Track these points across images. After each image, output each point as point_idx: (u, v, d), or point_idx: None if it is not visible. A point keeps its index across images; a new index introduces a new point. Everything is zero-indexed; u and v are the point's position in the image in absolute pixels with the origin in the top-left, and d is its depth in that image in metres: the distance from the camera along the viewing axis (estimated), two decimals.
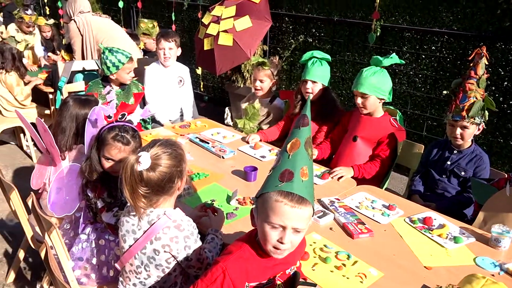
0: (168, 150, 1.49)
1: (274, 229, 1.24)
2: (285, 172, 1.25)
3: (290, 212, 1.21)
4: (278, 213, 1.21)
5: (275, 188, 1.24)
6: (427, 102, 4.00)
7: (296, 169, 1.25)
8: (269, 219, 1.23)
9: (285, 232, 1.22)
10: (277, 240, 1.24)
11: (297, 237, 1.26)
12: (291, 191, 1.22)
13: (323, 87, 2.82)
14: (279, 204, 1.21)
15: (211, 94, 6.21)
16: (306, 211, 1.24)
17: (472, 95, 2.26)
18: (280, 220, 1.22)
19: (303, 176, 1.25)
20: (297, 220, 1.23)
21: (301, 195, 1.22)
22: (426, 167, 2.56)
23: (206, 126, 3.14)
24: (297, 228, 1.24)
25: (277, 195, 1.22)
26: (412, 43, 3.97)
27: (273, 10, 4.76)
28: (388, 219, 1.99)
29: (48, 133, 2.06)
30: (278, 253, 1.27)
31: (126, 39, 4.42)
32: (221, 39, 4.22)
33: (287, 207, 1.21)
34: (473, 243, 1.84)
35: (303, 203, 1.22)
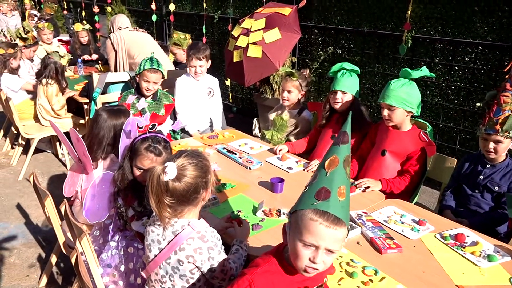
0: (194, 161, 1.51)
1: (306, 248, 1.21)
2: (321, 190, 1.23)
3: (325, 232, 1.18)
4: (313, 232, 1.19)
5: (311, 206, 1.21)
6: (460, 115, 3.88)
7: (334, 188, 1.22)
8: (302, 237, 1.21)
9: (318, 252, 1.20)
10: (309, 259, 1.21)
11: (329, 258, 1.23)
12: (327, 210, 1.19)
13: (352, 100, 2.80)
14: (314, 223, 1.19)
15: (239, 105, 6.26)
16: (341, 232, 1.21)
17: (507, 108, 2.18)
18: (313, 240, 1.19)
19: (340, 196, 1.22)
20: (331, 240, 1.19)
21: (337, 216, 1.19)
22: (458, 181, 2.48)
23: (234, 137, 3.16)
24: (331, 249, 1.21)
25: (312, 213, 1.20)
26: (445, 54, 3.88)
27: (302, 22, 4.77)
28: (418, 234, 1.94)
29: (81, 143, 2.14)
30: (308, 272, 1.24)
31: (159, 52, 4.57)
32: (250, 51, 4.28)
33: (322, 226, 1.18)
34: (509, 262, 1.77)
35: (339, 224, 1.19)
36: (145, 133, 2.00)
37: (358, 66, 2.92)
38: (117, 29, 4.74)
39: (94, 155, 2.25)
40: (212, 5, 6.23)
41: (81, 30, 5.88)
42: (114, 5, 7.07)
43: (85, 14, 8.77)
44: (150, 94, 3.32)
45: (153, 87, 3.28)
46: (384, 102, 2.46)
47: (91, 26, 6.24)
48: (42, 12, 7.89)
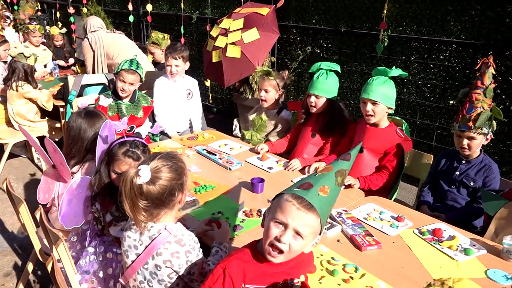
0: (169, 163, 1.49)
1: (276, 226, 1.28)
2: (306, 183, 1.33)
3: (295, 213, 1.25)
4: (284, 211, 1.27)
5: (290, 191, 1.31)
6: (436, 112, 3.96)
7: (317, 184, 1.31)
8: (275, 216, 1.28)
9: (286, 232, 1.26)
10: (275, 237, 1.27)
11: (296, 242, 1.27)
12: (304, 196, 1.27)
13: (328, 100, 2.80)
14: (287, 203, 1.27)
15: (219, 105, 6.24)
16: (311, 219, 1.26)
17: (479, 105, 2.24)
18: (284, 218, 1.26)
19: (322, 192, 1.30)
20: (300, 223, 1.26)
21: (311, 203, 1.26)
22: (435, 177, 2.53)
23: (213, 138, 3.15)
24: (298, 231, 1.26)
25: (289, 196, 1.29)
26: (420, 52, 3.95)
27: (281, 22, 4.79)
28: (397, 230, 1.96)
29: (58, 153, 2.08)
30: (272, 255, 1.29)
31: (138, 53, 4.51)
32: (229, 52, 4.26)
33: (294, 207, 1.26)
34: (484, 255, 1.80)
35: (311, 210, 1.26)
36: (122, 137, 1.97)
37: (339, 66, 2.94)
38: (91, 31, 4.65)
39: (72, 162, 2.20)
40: (190, 6, 6.18)
41: (57, 34, 5.77)
42: (90, 6, 6.93)
43: (60, 15, 8.59)
44: (125, 95, 3.27)
45: (128, 88, 3.23)
46: (368, 98, 2.48)
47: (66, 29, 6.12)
48: (16, 13, 7.67)
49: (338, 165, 1.41)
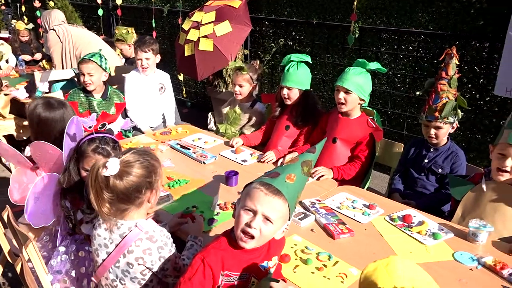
0: (141, 159, 1.46)
1: (246, 213, 1.32)
2: (273, 172, 1.40)
3: (263, 198, 1.30)
4: (253, 197, 1.32)
5: (258, 180, 1.37)
6: (407, 102, 4.05)
7: (284, 173, 1.37)
8: (244, 204, 1.33)
9: (255, 217, 1.30)
10: (246, 223, 1.31)
11: (266, 227, 1.31)
12: (271, 183, 1.33)
13: (302, 91, 2.83)
14: (256, 190, 1.32)
15: (193, 99, 6.19)
16: (278, 203, 1.31)
17: (444, 95, 2.30)
18: (252, 204, 1.31)
19: (288, 179, 1.36)
20: (269, 208, 1.30)
21: (278, 188, 1.31)
22: (405, 165, 2.59)
23: (187, 132, 3.12)
24: (267, 216, 1.30)
25: (257, 184, 1.34)
26: (390, 43, 4.02)
27: (253, 14, 4.78)
28: (368, 218, 2.01)
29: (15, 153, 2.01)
30: (244, 240, 1.32)
31: (105, 47, 4.40)
32: (202, 45, 4.23)
33: (262, 193, 1.31)
34: (452, 238, 1.87)
35: (278, 195, 1.31)
36: (92, 133, 1.92)
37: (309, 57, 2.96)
38: (53, 25, 4.44)
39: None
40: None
41: (23, 29, 5.57)
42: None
43: (25, 9, 8.30)
44: (92, 88, 3.19)
45: (89, 79, 3.15)
46: (341, 86, 2.51)
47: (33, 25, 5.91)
48: None
49: (304, 156, 1.48)
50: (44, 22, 4.62)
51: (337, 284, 1.55)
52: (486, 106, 3.58)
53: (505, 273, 1.62)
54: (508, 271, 1.62)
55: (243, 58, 4.86)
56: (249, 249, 1.36)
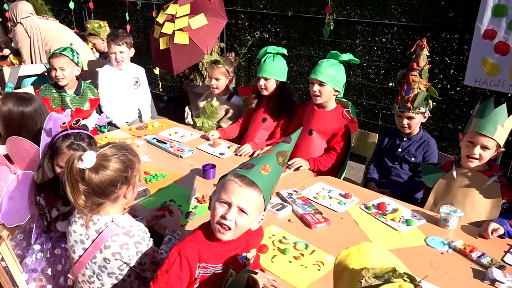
0: (118, 153, 1.45)
1: (221, 205, 1.33)
2: (248, 164, 1.41)
3: (238, 190, 1.31)
4: (227, 190, 1.32)
5: (233, 172, 1.37)
6: (381, 93, 4.12)
7: (259, 164, 1.38)
8: (219, 196, 1.34)
9: (230, 209, 1.31)
10: (221, 215, 1.31)
11: (241, 219, 1.32)
12: (246, 175, 1.34)
13: (278, 83, 2.85)
14: (230, 182, 1.33)
15: (170, 94, 6.13)
16: (253, 195, 1.32)
17: (416, 86, 2.36)
18: (227, 197, 1.31)
19: (263, 170, 1.36)
20: (243, 199, 1.31)
21: (252, 180, 1.32)
22: (379, 155, 2.65)
23: (163, 127, 3.10)
24: (242, 208, 1.31)
25: (231, 176, 1.35)
26: (364, 35, 4.07)
27: (228, 7, 4.75)
28: (344, 207, 2.05)
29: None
30: (221, 231, 1.33)
31: (77, 41, 4.30)
32: (177, 38, 4.19)
33: (236, 185, 1.32)
34: (424, 224, 1.93)
35: (252, 187, 1.32)
36: (66, 129, 1.89)
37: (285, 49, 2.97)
38: (22, 17, 4.29)
39: None
40: None
41: None
42: None
43: None
44: (64, 83, 3.11)
45: (61, 74, 3.07)
46: (315, 78, 2.54)
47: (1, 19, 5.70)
48: None
49: (279, 147, 1.49)
50: (11, 15, 4.46)
51: (314, 272, 1.58)
52: (457, 96, 3.68)
53: (474, 256, 1.68)
54: (476, 254, 1.69)
55: (219, 51, 4.83)
56: (225, 241, 1.37)
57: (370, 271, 0.89)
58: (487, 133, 1.93)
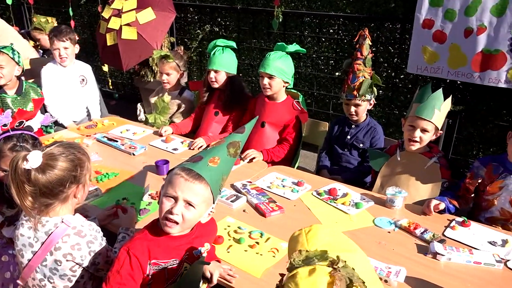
0: (66, 152, 1.42)
1: (168, 200, 1.32)
2: (196, 157, 1.40)
3: (184, 184, 1.31)
4: (173, 184, 1.32)
5: (180, 165, 1.36)
6: (331, 82, 4.24)
7: (207, 156, 1.37)
8: (166, 191, 1.33)
9: (177, 203, 1.31)
10: (168, 210, 1.31)
11: (189, 213, 1.33)
12: (192, 168, 1.33)
13: (229, 75, 2.86)
14: (176, 177, 1.32)
15: (121, 91, 5.97)
16: (199, 188, 1.32)
17: (361, 74, 2.46)
18: (173, 191, 1.31)
19: (211, 163, 1.36)
20: (190, 193, 1.31)
21: (199, 173, 1.32)
22: (330, 143, 2.74)
23: (114, 124, 3.03)
24: (189, 201, 1.31)
25: (178, 170, 1.34)
26: (312, 27, 4.17)
27: (176, 0, 4.68)
28: (297, 194, 2.11)
29: None
30: (168, 226, 1.33)
31: (18, 38, 4.08)
32: (125, 33, 4.09)
33: (182, 179, 1.31)
34: (372, 206, 2.03)
35: (199, 180, 1.32)
36: (8, 131, 1.81)
37: (236, 42, 2.99)
38: None
39: None
40: None
41: None
42: None
43: None
44: (1, 82, 2.94)
45: (1, 73, 2.93)
46: (264, 72, 2.57)
47: None
48: None
49: (231, 137, 1.49)
50: None
51: (269, 258, 1.63)
52: (401, 84, 3.86)
53: (418, 232, 1.79)
54: (420, 230, 1.80)
55: (170, 46, 4.76)
56: (176, 236, 1.37)
57: (303, 254, 0.92)
58: (426, 117, 2.05)
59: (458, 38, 3.09)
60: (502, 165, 1.95)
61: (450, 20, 3.10)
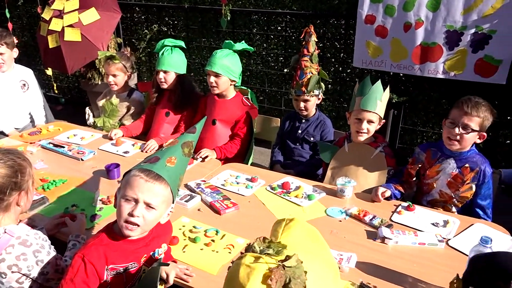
0: (4, 158, 1.36)
1: (128, 202, 1.30)
2: (152, 157, 1.38)
3: (144, 185, 1.29)
4: (132, 186, 1.30)
5: (137, 166, 1.35)
6: (281, 79, 4.31)
7: (164, 157, 1.36)
8: (125, 193, 1.31)
9: (137, 206, 1.29)
10: (128, 213, 1.29)
11: (149, 214, 1.32)
12: (151, 169, 1.32)
13: (178, 75, 2.84)
14: (135, 178, 1.30)
15: (67, 95, 5.74)
16: (160, 188, 1.31)
17: (308, 71, 2.53)
18: (133, 193, 1.29)
19: (169, 163, 1.36)
20: (150, 194, 1.30)
21: (158, 174, 1.31)
22: (282, 138, 2.79)
23: (60, 130, 2.92)
24: (150, 203, 1.30)
25: (136, 171, 1.32)
26: (261, 25, 4.21)
27: (122, 0, 4.56)
28: (251, 190, 2.14)
29: None
30: (129, 228, 1.31)
31: None
32: (68, 35, 3.94)
33: (142, 180, 1.29)
34: (324, 197, 2.09)
35: (159, 180, 1.31)
36: None
37: (185, 42, 2.96)
38: None
39: None
40: None
41: None
42: None
43: None
44: None
45: None
46: (211, 70, 2.57)
47: None
48: None
49: (184, 137, 1.49)
50: None
51: (225, 255, 1.64)
52: (349, 78, 4.00)
53: (367, 219, 1.88)
54: (369, 217, 1.89)
55: (117, 47, 4.64)
56: (133, 239, 1.36)
57: (266, 242, 0.93)
58: (371, 109, 2.14)
59: (398, 32, 3.24)
60: (440, 150, 2.08)
61: (390, 16, 3.24)
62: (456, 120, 1.95)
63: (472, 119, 1.91)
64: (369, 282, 1.46)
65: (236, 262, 0.88)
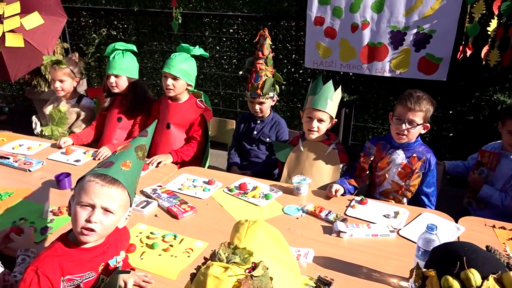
0: None
1: (84, 208, 1.27)
2: (106, 162, 1.36)
3: (100, 190, 1.26)
4: (88, 191, 1.26)
5: (91, 172, 1.31)
6: (236, 81, 4.33)
7: (118, 161, 1.35)
8: (80, 199, 1.27)
9: (94, 211, 1.27)
10: (85, 219, 1.26)
11: (107, 219, 1.29)
12: (106, 173, 1.29)
13: (130, 80, 2.78)
14: (90, 183, 1.27)
15: (11, 104, 5.45)
16: (117, 192, 1.29)
17: (263, 74, 2.57)
18: (89, 199, 1.26)
19: (124, 166, 1.34)
20: (107, 199, 1.27)
21: (115, 177, 1.29)
22: (238, 140, 2.81)
23: (4, 140, 2.77)
24: (107, 208, 1.28)
25: (91, 176, 1.29)
26: (213, 27, 4.21)
27: (67, 3, 4.41)
28: (209, 193, 2.13)
29: None
30: (86, 234, 1.28)
31: None
32: (9, 41, 3.74)
33: (98, 185, 1.26)
34: (281, 196, 2.13)
35: (115, 184, 1.29)
36: None
37: (136, 46, 2.90)
38: None
39: None
40: None
41: None
42: None
43: None
44: None
45: None
46: (169, 72, 2.54)
47: None
48: None
49: (137, 141, 1.47)
50: None
51: (184, 259, 1.62)
52: (301, 78, 4.08)
53: (323, 215, 1.93)
54: (324, 212, 1.94)
55: (63, 52, 4.47)
56: (90, 248, 1.33)
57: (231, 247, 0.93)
58: (321, 108, 2.21)
59: (346, 33, 3.36)
60: (389, 143, 2.19)
61: (338, 17, 3.35)
62: (402, 117, 2.06)
63: (416, 114, 2.03)
64: (326, 276, 1.50)
65: (203, 272, 0.87)
